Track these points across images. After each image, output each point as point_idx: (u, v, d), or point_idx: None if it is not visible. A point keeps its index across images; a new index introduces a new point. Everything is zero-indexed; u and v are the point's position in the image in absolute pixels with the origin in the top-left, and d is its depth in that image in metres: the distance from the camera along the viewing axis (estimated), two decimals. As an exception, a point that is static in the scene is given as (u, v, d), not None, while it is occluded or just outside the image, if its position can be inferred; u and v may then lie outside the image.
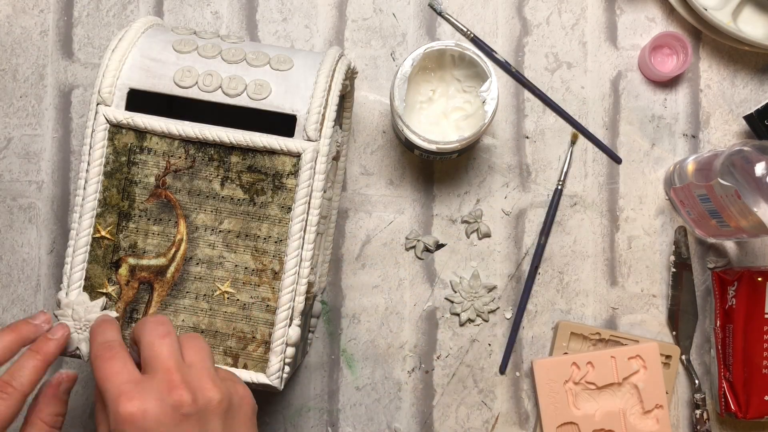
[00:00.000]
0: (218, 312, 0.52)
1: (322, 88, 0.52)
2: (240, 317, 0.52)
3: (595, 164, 0.69)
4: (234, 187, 0.52)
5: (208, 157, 0.52)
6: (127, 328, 0.52)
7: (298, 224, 0.51)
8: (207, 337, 0.52)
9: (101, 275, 0.52)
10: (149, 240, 0.52)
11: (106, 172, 0.52)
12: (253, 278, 0.52)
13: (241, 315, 0.52)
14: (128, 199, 0.52)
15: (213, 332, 0.52)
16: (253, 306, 0.52)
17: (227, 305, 0.52)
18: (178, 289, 0.52)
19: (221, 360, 0.52)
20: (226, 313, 0.52)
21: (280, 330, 0.51)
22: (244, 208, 0.52)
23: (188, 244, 0.52)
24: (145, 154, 0.52)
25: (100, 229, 0.52)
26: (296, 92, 0.52)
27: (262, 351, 0.52)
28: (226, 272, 0.52)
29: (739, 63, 0.69)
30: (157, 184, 0.52)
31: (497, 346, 0.68)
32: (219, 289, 0.52)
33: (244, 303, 0.52)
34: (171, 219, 0.52)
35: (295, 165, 0.51)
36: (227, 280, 0.52)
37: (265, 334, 0.52)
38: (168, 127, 0.52)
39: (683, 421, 0.67)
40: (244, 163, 0.52)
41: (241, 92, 0.52)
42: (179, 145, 0.52)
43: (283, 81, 0.53)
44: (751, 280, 0.65)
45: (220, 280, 0.52)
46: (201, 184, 0.52)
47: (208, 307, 0.52)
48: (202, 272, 0.52)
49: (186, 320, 0.52)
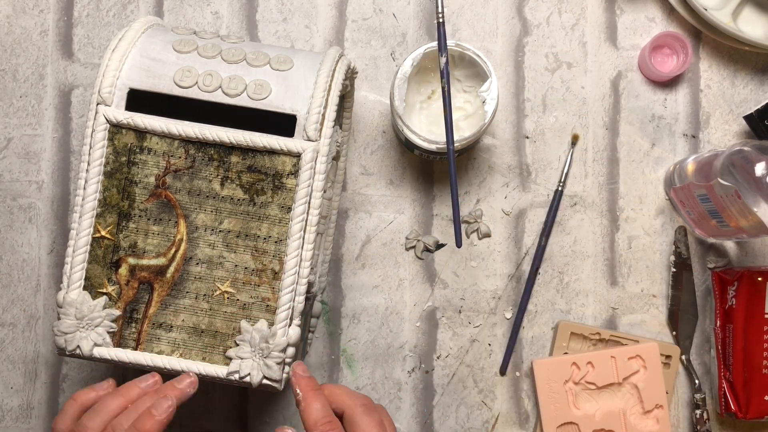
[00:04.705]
0: (218, 312, 0.52)
1: (322, 88, 0.52)
2: (240, 317, 0.52)
3: (595, 164, 0.69)
4: (234, 187, 0.52)
5: (208, 157, 0.52)
6: (126, 327, 0.52)
7: (299, 224, 0.51)
8: (207, 337, 0.52)
9: (101, 275, 0.52)
10: (149, 240, 0.52)
11: (106, 172, 0.52)
12: (253, 278, 0.52)
13: (241, 315, 0.52)
14: (128, 199, 0.52)
15: (213, 332, 0.52)
16: (253, 306, 0.52)
17: (227, 305, 0.52)
18: (178, 288, 0.52)
19: (220, 360, 0.52)
20: (226, 312, 0.52)
21: (281, 330, 0.51)
22: (244, 208, 0.52)
23: (188, 244, 0.52)
24: (145, 154, 0.52)
25: (100, 228, 0.52)
26: (296, 92, 0.52)
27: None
28: (226, 272, 0.52)
29: (739, 63, 0.69)
30: (157, 184, 0.52)
31: (497, 346, 0.68)
32: (219, 288, 0.52)
33: (244, 303, 0.52)
34: (171, 219, 0.52)
35: (295, 165, 0.51)
36: (227, 279, 0.52)
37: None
38: (168, 127, 0.51)
39: (683, 421, 0.67)
40: (244, 163, 0.52)
41: (241, 92, 0.51)
42: (179, 145, 0.52)
43: (283, 81, 0.52)
44: (751, 280, 0.65)
45: (220, 279, 0.52)
46: (201, 184, 0.52)
47: (208, 307, 0.52)
48: (202, 272, 0.52)
49: (186, 320, 0.52)
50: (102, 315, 0.52)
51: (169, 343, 0.52)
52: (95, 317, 0.51)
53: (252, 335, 0.51)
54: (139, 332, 0.52)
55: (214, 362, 0.52)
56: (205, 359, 0.52)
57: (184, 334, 0.52)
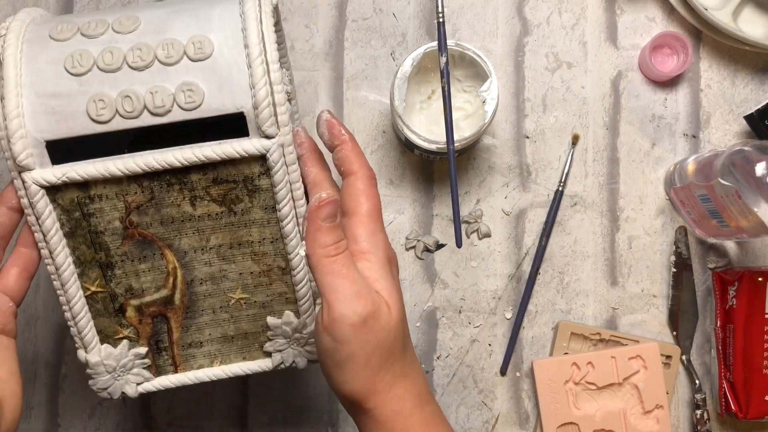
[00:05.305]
0: (241, 317, 0.52)
1: (260, 74, 0.44)
2: (264, 315, 0.52)
3: (595, 164, 0.69)
4: (207, 204, 0.48)
5: (167, 184, 0.46)
6: (159, 357, 0.52)
7: (290, 223, 0.48)
8: (239, 340, 0.52)
9: (112, 324, 0.51)
10: (142, 278, 0.50)
11: (66, 233, 0.47)
12: (263, 279, 0.51)
13: (264, 313, 0.52)
14: (102, 249, 0.48)
15: (243, 334, 0.52)
16: (273, 302, 0.51)
17: (247, 309, 0.51)
18: (192, 310, 0.51)
19: (260, 355, 0.53)
20: (248, 315, 0.52)
21: (309, 319, 0.51)
22: (226, 220, 0.48)
23: (183, 269, 0.50)
24: (96, 202, 0.47)
25: (89, 286, 0.49)
26: (230, 82, 0.44)
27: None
28: (233, 282, 0.51)
29: (739, 63, 0.69)
30: (125, 225, 0.48)
31: (497, 346, 0.68)
32: (233, 298, 0.51)
33: (263, 302, 0.51)
34: (155, 253, 0.49)
35: (263, 165, 0.46)
36: (238, 288, 0.51)
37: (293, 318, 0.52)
38: (108, 169, 0.45)
39: (683, 421, 0.67)
40: (207, 178, 0.47)
41: (170, 107, 0.44)
42: (129, 182, 0.46)
43: (211, 73, 0.44)
44: (751, 280, 0.65)
45: (230, 290, 0.51)
46: (171, 211, 0.48)
47: (229, 316, 0.51)
48: (210, 289, 0.51)
49: (212, 333, 0.52)
50: (130, 356, 0.51)
51: (206, 357, 0.52)
52: (125, 363, 0.51)
53: (283, 329, 0.51)
54: (173, 357, 0.52)
55: (256, 359, 0.53)
56: (246, 358, 0.53)
57: (217, 345, 0.52)
